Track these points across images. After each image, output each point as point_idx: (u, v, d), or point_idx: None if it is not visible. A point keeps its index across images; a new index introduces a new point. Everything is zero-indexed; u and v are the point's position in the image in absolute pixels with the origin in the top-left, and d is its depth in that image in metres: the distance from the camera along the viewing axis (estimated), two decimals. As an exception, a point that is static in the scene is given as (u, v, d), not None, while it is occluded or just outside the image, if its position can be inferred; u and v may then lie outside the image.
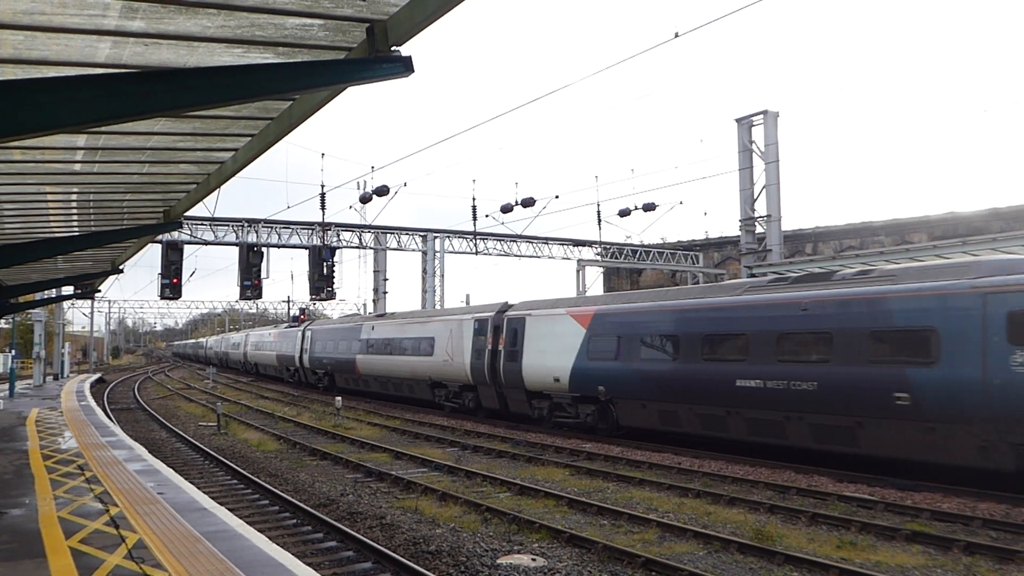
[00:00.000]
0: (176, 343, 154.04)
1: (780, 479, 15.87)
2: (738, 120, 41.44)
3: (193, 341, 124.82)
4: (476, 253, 45.85)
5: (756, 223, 41.29)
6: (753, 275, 29.43)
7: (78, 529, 9.21)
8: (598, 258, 48.73)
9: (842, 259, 27.44)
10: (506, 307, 27.15)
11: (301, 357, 46.16)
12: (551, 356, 23.53)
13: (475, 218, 38.89)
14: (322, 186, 33.87)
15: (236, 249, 32.74)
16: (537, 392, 24.55)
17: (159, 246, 27.50)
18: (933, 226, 41.24)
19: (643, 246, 50.97)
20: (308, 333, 45.56)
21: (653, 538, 11.69)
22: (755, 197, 41.21)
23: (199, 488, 13.01)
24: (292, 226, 40.43)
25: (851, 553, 10.84)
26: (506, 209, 39.00)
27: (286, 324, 59.16)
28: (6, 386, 34.02)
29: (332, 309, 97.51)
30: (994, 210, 38.59)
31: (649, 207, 41.17)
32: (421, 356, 31.04)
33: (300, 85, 5.57)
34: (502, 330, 26.11)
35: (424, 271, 45.55)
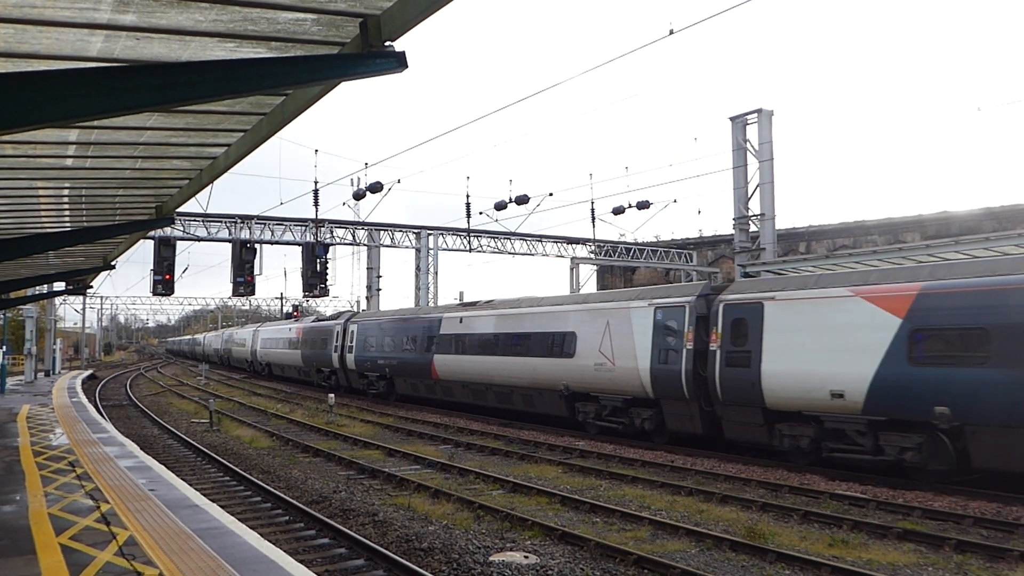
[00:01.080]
0: (170, 339, 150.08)
1: (772, 477, 15.90)
2: (732, 118, 41.45)
3: (189, 337, 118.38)
4: (470, 250, 45.83)
5: (750, 222, 41.32)
6: (747, 274, 29.44)
7: (69, 526, 9.17)
8: (592, 256, 48.72)
9: (835, 258, 27.49)
10: (713, 289, 20.26)
11: (343, 357, 38.97)
12: (823, 359, 16.18)
13: (469, 215, 38.80)
14: (315, 182, 33.75)
15: (229, 245, 32.70)
16: (790, 412, 17.02)
17: (151, 242, 27.46)
18: (926, 225, 41.35)
19: (637, 244, 51.00)
20: (353, 328, 38.18)
21: (645, 536, 11.70)
22: (749, 196, 41.23)
23: (191, 485, 12.96)
24: (285, 222, 40.30)
25: (843, 551, 10.86)
26: (500, 206, 38.93)
27: (312, 317, 51.65)
28: (-3, 382, 33.85)
29: (325, 306, 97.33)
30: (987, 209, 38.70)
31: (643, 205, 41.16)
32: (550, 358, 23.79)
33: (293, 80, 5.53)
34: (715, 322, 18.74)
35: (417, 268, 45.49)
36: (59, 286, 33.87)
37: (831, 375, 15.98)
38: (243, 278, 29.33)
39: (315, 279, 31.18)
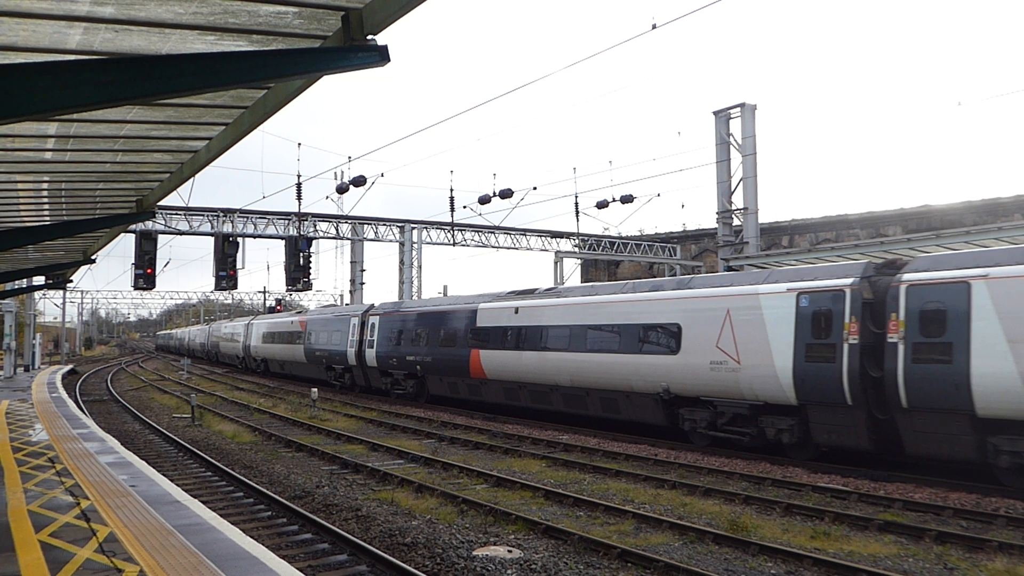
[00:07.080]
0: (162, 333, 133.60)
1: (755, 470, 15.98)
2: (716, 113, 41.50)
3: (197, 328, 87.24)
4: (454, 244, 45.76)
5: (733, 216, 41.44)
6: (731, 268, 29.56)
7: (48, 522, 9.09)
8: (576, 250, 48.78)
9: (818, 251, 27.64)
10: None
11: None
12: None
13: (453, 209, 38.69)
14: (298, 176, 33.55)
15: (211, 239, 32.46)
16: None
17: (132, 236, 27.20)
18: (908, 219, 41.63)
19: (621, 238, 51.09)
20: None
21: (629, 529, 11.74)
22: (732, 190, 41.32)
23: (172, 481, 12.90)
24: (268, 216, 40.08)
25: (825, 543, 10.94)
26: (484, 200, 38.83)
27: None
28: (-24, 377, 33.49)
29: (308, 300, 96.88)
30: (968, 203, 39.03)
31: (627, 199, 41.19)
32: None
33: (274, 73, 5.48)
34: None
35: (401, 262, 45.37)
36: (39, 280, 33.57)
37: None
38: (225, 272, 29.10)
39: (298, 273, 31.00)
